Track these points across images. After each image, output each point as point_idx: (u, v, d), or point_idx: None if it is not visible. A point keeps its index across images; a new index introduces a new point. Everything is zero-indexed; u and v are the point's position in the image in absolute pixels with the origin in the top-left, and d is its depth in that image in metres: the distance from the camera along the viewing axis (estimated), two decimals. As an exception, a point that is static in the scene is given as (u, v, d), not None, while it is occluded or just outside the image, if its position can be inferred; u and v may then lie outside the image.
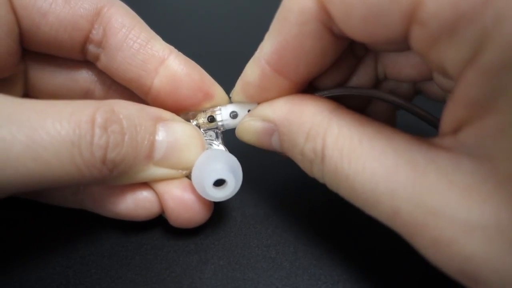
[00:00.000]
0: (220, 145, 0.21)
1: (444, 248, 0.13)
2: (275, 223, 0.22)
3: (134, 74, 0.20)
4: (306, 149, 0.17)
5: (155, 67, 0.20)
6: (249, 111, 0.20)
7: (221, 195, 0.19)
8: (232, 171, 0.19)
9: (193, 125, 0.21)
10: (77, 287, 0.19)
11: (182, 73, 0.20)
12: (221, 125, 0.21)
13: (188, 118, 0.21)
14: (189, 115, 0.21)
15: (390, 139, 0.15)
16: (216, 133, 0.21)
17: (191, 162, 0.19)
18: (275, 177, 0.25)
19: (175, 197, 0.20)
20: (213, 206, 0.21)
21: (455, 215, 0.13)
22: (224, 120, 0.21)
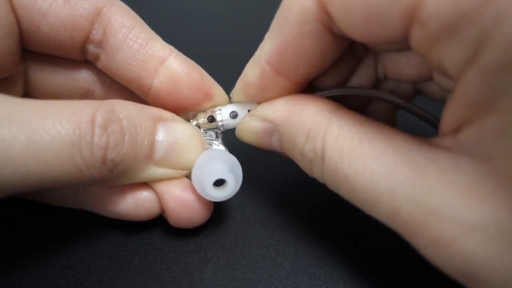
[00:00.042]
0: (220, 145, 0.21)
1: (444, 248, 0.13)
2: (275, 223, 0.22)
3: (134, 74, 0.20)
4: (306, 149, 0.17)
5: (155, 67, 0.20)
6: (249, 111, 0.20)
7: (221, 195, 0.19)
8: (232, 171, 0.19)
9: (193, 125, 0.21)
10: (77, 287, 0.19)
11: (182, 73, 0.20)
12: (221, 125, 0.21)
13: (188, 118, 0.21)
14: (189, 115, 0.21)
15: (390, 139, 0.15)
16: (216, 133, 0.21)
17: (191, 162, 0.19)
18: (275, 177, 0.25)
19: (175, 197, 0.20)
20: (213, 206, 0.21)
21: (455, 215, 0.13)
22: (224, 120, 0.21)
